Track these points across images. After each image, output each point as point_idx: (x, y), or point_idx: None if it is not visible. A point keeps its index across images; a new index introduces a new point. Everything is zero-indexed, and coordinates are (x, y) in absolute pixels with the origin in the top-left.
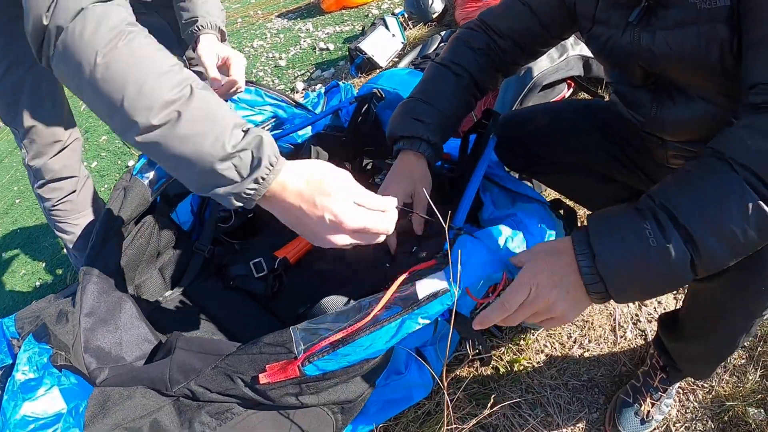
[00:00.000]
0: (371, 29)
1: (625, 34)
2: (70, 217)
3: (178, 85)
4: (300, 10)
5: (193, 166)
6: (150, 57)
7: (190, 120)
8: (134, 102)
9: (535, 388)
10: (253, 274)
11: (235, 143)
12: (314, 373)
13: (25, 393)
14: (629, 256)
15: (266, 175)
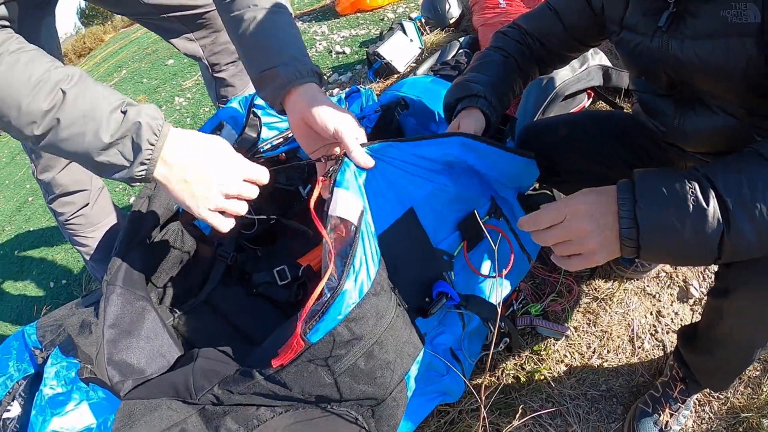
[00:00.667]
0: (389, 34)
1: (654, 40)
2: (85, 231)
3: (52, 92)
4: (314, 12)
5: (86, 160)
6: (20, 74)
7: (68, 124)
8: (18, 121)
9: (555, 398)
10: (277, 282)
11: (113, 132)
12: (318, 337)
13: (54, 408)
14: (669, 209)
15: (149, 155)
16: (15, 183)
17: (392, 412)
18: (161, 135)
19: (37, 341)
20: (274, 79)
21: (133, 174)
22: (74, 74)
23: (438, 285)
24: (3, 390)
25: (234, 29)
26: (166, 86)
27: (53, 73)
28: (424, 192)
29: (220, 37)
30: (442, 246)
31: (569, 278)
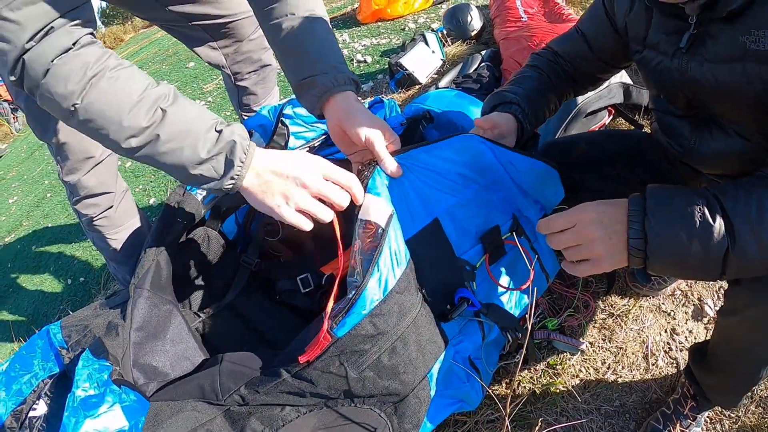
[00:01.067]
0: (411, 45)
1: (674, 61)
2: (108, 232)
3: (151, 110)
4: (335, 20)
5: (180, 171)
6: (122, 91)
7: (167, 139)
8: (117, 134)
9: (569, 412)
10: (300, 290)
11: (210, 148)
12: (344, 332)
13: (87, 410)
14: (677, 224)
15: (239, 172)
16: (33, 179)
17: (415, 409)
18: (249, 153)
19: (62, 341)
20: (313, 87)
21: (222, 186)
22: (169, 93)
23: (460, 291)
24: (28, 388)
25: (273, 37)
26: (186, 89)
27: (152, 92)
28: (447, 204)
29: (242, 47)
30: (465, 257)
31: (586, 294)
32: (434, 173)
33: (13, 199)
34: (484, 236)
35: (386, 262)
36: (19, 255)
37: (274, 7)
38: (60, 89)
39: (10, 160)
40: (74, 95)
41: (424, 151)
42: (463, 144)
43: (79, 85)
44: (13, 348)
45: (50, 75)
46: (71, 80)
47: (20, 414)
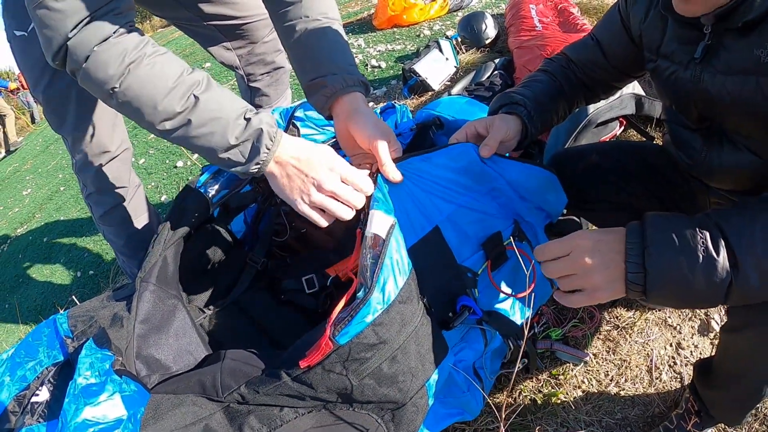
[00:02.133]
0: (425, 51)
1: (688, 71)
2: (120, 226)
3: (184, 97)
4: (351, 25)
5: (210, 154)
6: (157, 77)
7: (198, 124)
8: (152, 117)
9: (570, 423)
10: (305, 290)
11: (238, 134)
12: (346, 340)
13: (87, 398)
14: (679, 258)
15: (265, 158)
16: (47, 172)
17: (412, 417)
18: (276, 141)
19: (68, 330)
20: (322, 87)
21: (248, 170)
22: (203, 79)
23: (461, 299)
24: (32, 374)
25: (286, 38)
26: None
27: (186, 78)
28: (447, 212)
29: (256, 48)
30: (467, 264)
31: (591, 305)
32: (432, 182)
33: (27, 191)
34: (486, 243)
35: (389, 271)
36: (31, 246)
37: (289, 10)
38: (100, 74)
39: (26, 152)
40: (113, 80)
41: (421, 160)
42: (459, 152)
43: (117, 71)
44: (20, 336)
45: (91, 61)
46: (110, 66)
47: (23, 399)
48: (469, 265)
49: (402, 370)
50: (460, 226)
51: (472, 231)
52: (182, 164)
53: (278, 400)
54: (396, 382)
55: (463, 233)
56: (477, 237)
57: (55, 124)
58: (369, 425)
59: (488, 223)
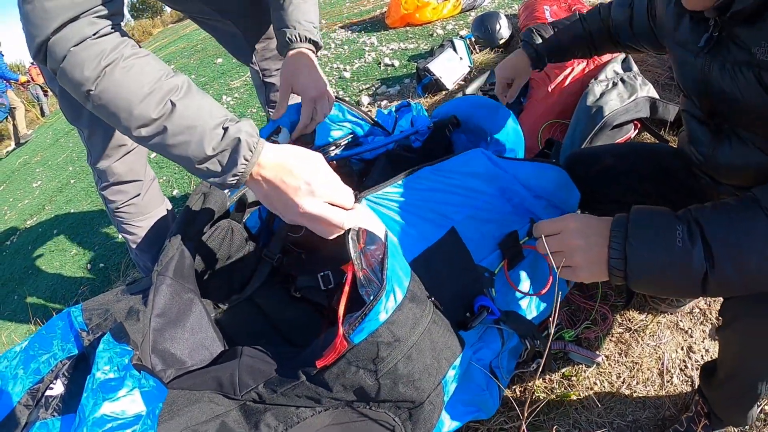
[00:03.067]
0: (439, 50)
1: (698, 60)
2: (134, 220)
3: (161, 103)
4: (364, 23)
5: (186, 163)
6: (134, 81)
7: (174, 132)
8: (128, 122)
9: (582, 425)
10: (320, 286)
11: (215, 145)
12: (361, 338)
13: (106, 393)
14: (656, 249)
15: (243, 169)
16: (57, 164)
17: (429, 415)
18: (255, 152)
19: (83, 323)
20: (281, 37)
21: (225, 181)
22: (182, 85)
23: (479, 299)
24: (46, 367)
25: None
26: (214, 84)
27: (164, 83)
28: (462, 215)
29: (271, 44)
30: (484, 263)
31: (604, 307)
32: (445, 190)
33: (37, 183)
34: (503, 242)
35: (394, 272)
36: (40, 238)
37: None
38: (76, 75)
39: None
40: (89, 82)
41: (433, 171)
42: (469, 158)
43: (93, 73)
44: (30, 329)
45: (67, 61)
46: (86, 67)
47: (36, 392)
48: (486, 265)
49: (418, 369)
50: (475, 228)
51: (488, 231)
52: None
53: (295, 401)
54: (412, 381)
55: (479, 234)
56: (493, 237)
57: (71, 116)
58: (386, 422)
59: (504, 224)
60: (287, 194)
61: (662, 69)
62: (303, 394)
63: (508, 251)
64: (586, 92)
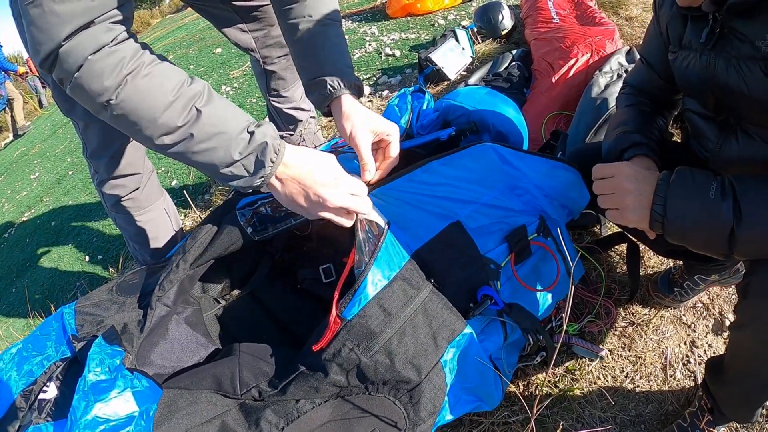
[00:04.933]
0: (441, 40)
1: (702, 57)
2: (134, 214)
3: (185, 109)
4: (364, 13)
5: (210, 169)
6: (157, 88)
7: (201, 139)
8: (151, 131)
9: (585, 419)
10: (322, 279)
11: (242, 150)
12: (353, 313)
13: (97, 394)
14: (693, 197)
15: (270, 170)
16: (55, 156)
17: (430, 396)
18: (280, 153)
19: (74, 329)
20: (321, 87)
21: (252, 183)
22: (204, 91)
23: (483, 289)
24: (39, 369)
25: (290, 35)
26: (213, 74)
27: (186, 90)
28: (469, 209)
29: (273, 31)
30: (490, 255)
31: (608, 301)
32: (453, 184)
33: (35, 175)
34: (510, 235)
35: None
36: (38, 230)
37: (293, 8)
38: (94, 85)
39: (33, 137)
40: (109, 91)
41: (442, 164)
42: (479, 152)
43: (114, 82)
44: (28, 322)
45: (84, 70)
46: (106, 76)
47: (30, 395)
48: (493, 257)
49: (413, 346)
50: (482, 220)
51: (496, 225)
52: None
53: (295, 394)
54: (408, 358)
55: (486, 226)
56: (500, 230)
57: (65, 107)
58: (386, 409)
59: (512, 219)
60: (314, 189)
61: None
62: (303, 385)
63: (516, 245)
64: (590, 84)
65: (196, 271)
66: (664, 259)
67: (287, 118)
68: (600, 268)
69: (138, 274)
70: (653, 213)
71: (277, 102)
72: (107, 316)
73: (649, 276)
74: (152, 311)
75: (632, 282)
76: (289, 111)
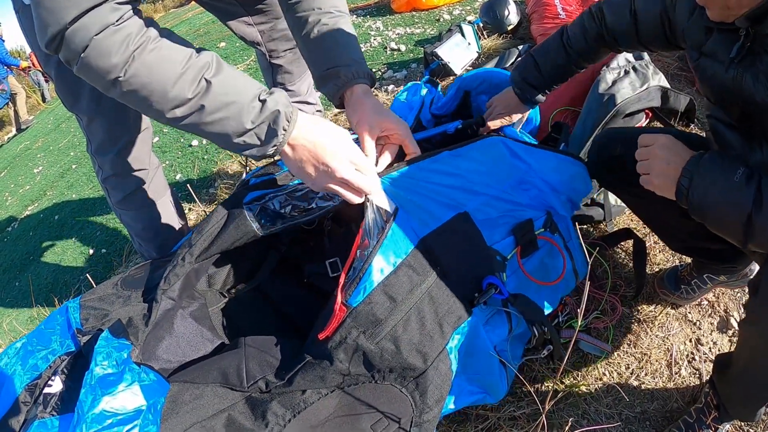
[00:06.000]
0: (447, 35)
1: (729, 71)
2: (139, 210)
3: (195, 81)
4: (369, 7)
5: (223, 139)
6: (165, 62)
7: (212, 109)
8: (162, 105)
9: (591, 415)
10: (329, 273)
11: (254, 118)
12: (358, 300)
13: (105, 388)
14: (718, 177)
15: (282, 139)
16: (59, 150)
17: (437, 383)
18: (292, 121)
19: (79, 323)
20: (334, 78)
21: (265, 152)
22: (212, 61)
23: (488, 278)
24: (44, 363)
25: (298, 30)
26: None
27: (195, 61)
28: (477, 201)
29: (278, 24)
30: (496, 247)
31: (614, 297)
32: (463, 175)
33: (38, 168)
34: (516, 228)
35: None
36: (42, 224)
37: (300, 1)
38: (102, 63)
39: (37, 131)
40: (117, 69)
41: (452, 155)
42: (488, 145)
43: (121, 58)
44: (32, 316)
45: (91, 48)
46: (113, 54)
47: (35, 389)
48: (499, 249)
49: (418, 332)
50: (490, 213)
51: (503, 218)
52: (197, 143)
53: (301, 385)
54: (413, 345)
55: (493, 219)
56: (507, 223)
57: (69, 102)
58: (393, 397)
59: (519, 213)
60: (324, 158)
61: (672, 59)
62: (309, 375)
63: (522, 238)
64: (597, 80)
65: (202, 265)
66: (670, 256)
67: None
68: (606, 264)
69: (143, 268)
70: (680, 185)
71: None
72: (112, 309)
73: (654, 273)
74: (157, 305)
75: (638, 279)
76: (295, 105)
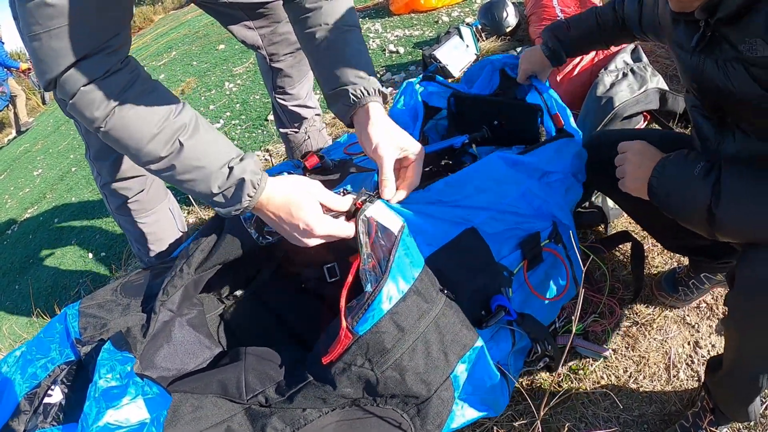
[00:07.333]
0: (446, 37)
1: (693, 59)
2: (138, 216)
3: (169, 142)
4: (368, 9)
5: (195, 195)
6: (141, 121)
7: (182, 170)
8: (137, 159)
9: (588, 419)
10: (327, 279)
11: (221, 184)
12: (365, 328)
13: (109, 401)
14: (680, 172)
15: (247, 203)
16: (59, 152)
17: (438, 410)
18: (259, 188)
19: (78, 332)
20: (343, 97)
21: (230, 213)
22: (190, 123)
23: (497, 299)
24: (43, 372)
25: (307, 44)
26: (216, 70)
27: (172, 122)
28: (483, 216)
29: (279, 28)
30: (504, 262)
31: (612, 301)
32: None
33: (38, 171)
34: (524, 242)
35: (402, 263)
36: (41, 227)
37: (309, 16)
38: (86, 113)
39: (37, 133)
40: (98, 120)
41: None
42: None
43: (102, 113)
44: (31, 320)
45: (78, 98)
46: (96, 107)
47: (34, 398)
48: (506, 264)
49: (424, 362)
50: (498, 227)
51: (511, 231)
52: None
53: (302, 403)
54: (418, 374)
55: (501, 233)
56: (515, 236)
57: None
58: (393, 420)
59: (527, 225)
60: (291, 232)
61: (670, 60)
62: (311, 395)
63: (529, 252)
64: (595, 82)
65: (201, 277)
66: (668, 259)
67: (292, 115)
68: (604, 267)
69: (143, 274)
70: (650, 185)
71: (282, 99)
72: (111, 318)
73: (653, 276)
74: (156, 316)
75: (636, 281)
76: (295, 108)
